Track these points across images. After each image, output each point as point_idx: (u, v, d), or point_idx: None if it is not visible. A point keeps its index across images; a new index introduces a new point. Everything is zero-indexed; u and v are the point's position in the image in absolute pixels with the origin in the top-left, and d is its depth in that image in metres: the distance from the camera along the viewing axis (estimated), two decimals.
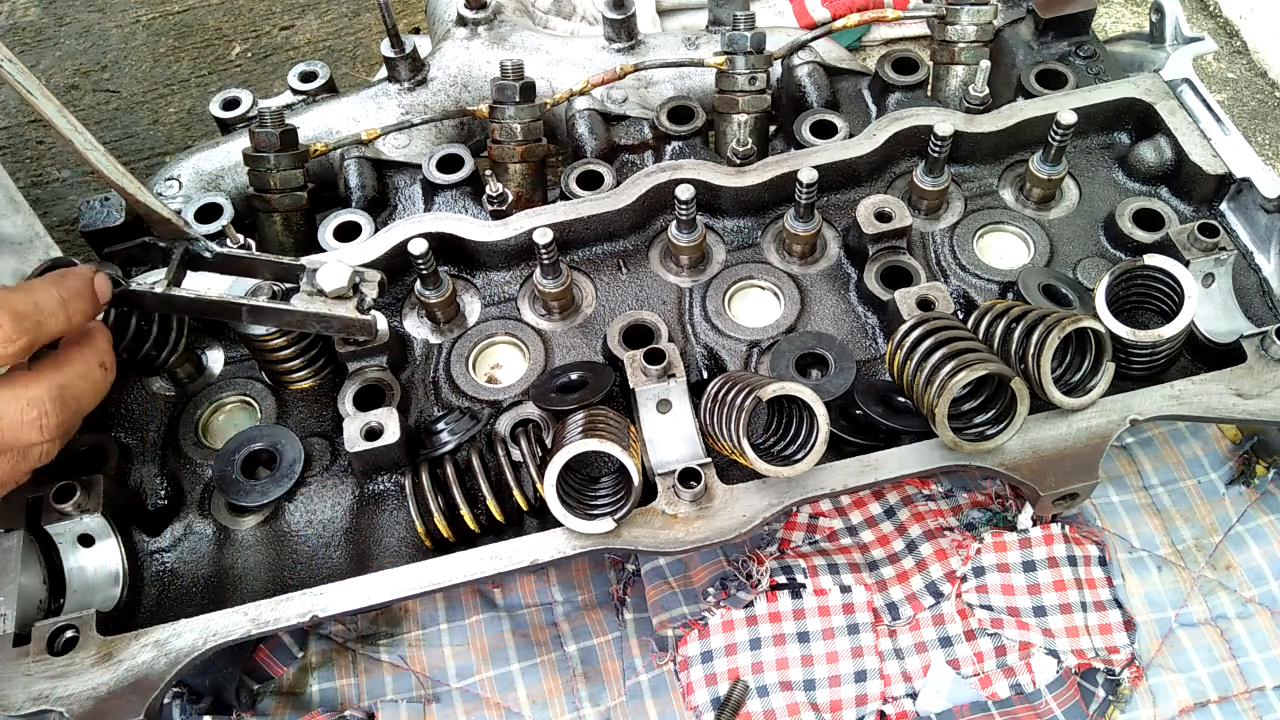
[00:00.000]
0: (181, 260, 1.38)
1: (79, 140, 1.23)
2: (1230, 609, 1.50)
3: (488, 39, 1.91)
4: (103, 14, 2.84)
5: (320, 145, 1.71)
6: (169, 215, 1.35)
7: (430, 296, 1.52)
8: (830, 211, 1.65)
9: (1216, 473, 1.59)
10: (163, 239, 1.38)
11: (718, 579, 1.50)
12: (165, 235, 1.38)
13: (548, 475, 1.23)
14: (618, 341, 1.49)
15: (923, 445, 1.33)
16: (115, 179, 1.27)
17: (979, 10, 1.70)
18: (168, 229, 1.37)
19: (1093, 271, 1.55)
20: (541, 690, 1.47)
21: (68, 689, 1.21)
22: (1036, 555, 1.49)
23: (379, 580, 1.29)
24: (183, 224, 1.37)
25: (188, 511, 1.44)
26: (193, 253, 1.39)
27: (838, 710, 1.42)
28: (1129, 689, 1.43)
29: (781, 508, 1.30)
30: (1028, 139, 1.65)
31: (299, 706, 1.45)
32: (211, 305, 1.36)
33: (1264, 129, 2.44)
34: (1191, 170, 1.58)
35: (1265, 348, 1.37)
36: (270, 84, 2.65)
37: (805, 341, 1.48)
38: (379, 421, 1.37)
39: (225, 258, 1.40)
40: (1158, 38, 1.79)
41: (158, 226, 1.36)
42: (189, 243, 1.38)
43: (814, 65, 1.86)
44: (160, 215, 1.34)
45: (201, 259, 1.40)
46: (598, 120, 1.82)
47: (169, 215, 1.35)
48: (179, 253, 1.38)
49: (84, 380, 1.24)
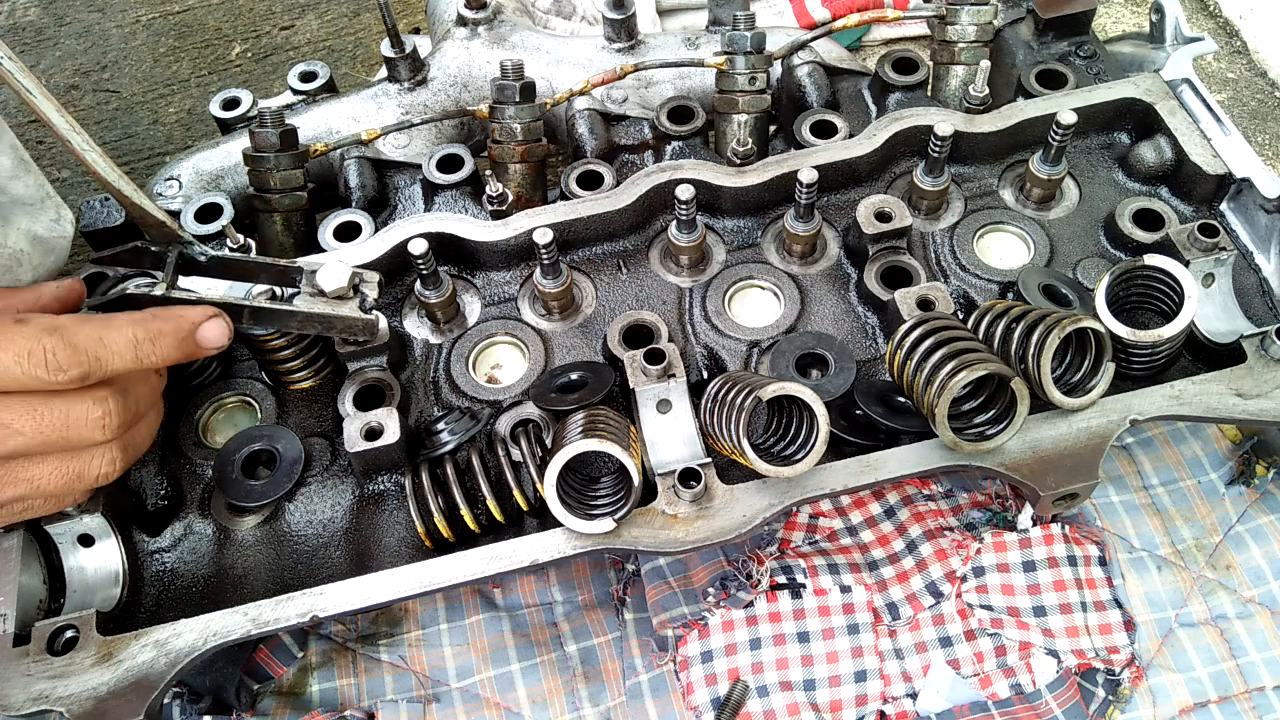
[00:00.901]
0: (176, 264, 1.37)
1: (76, 140, 1.22)
2: (1230, 609, 1.50)
3: (488, 39, 1.91)
4: (103, 14, 2.84)
5: (320, 145, 1.71)
6: (163, 218, 1.34)
7: (430, 296, 1.52)
8: (830, 211, 1.65)
9: (1216, 473, 1.59)
10: (156, 243, 1.37)
11: (718, 579, 1.50)
12: (159, 239, 1.37)
13: (548, 475, 1.23)
14: (618, 341, 1.49)
15: (923, 445, 1.33)
16: (111, 180, 1.27)
17: (979, 10, 1.70)
18: (161, 232, 1.36)
19: (1093, 271, 1.55)
20: (541, 690, 1.47)
21: (68, 689, 1.21)
22: (1036, 555, 1.49)
23: (379, 580, 1.29)
24: (177, 227, 1.36)
25: (188, 511, 1.44)
26: (187, 256, 1.38)
27: (838, 710, 1.42)
28: (1129, 689, 1.43)
29: (781, 508, 1.30)
30: (1028, 139, 1.65)
31: (299, 706, 1.45)
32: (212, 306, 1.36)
33: (1264, 129, 2.44)
34: (1191, 170, 1.58)
35: (1265, 348, 1.37)
36: (270, 84, 2.65)
37: (805, 341, 1.48)
38: (379, 421, 1.38)
39: (220, 261, 1.40)
40: (1158, 38, 1.79)
41: (151, 230, 1.35)
42: (183, 246, 1.38)
43: (814, 65, 1.86)
44: (154, 218, 1.34)
45: (196, 263, 1.39)
46: (598, 120, 1.82)
47: (163, 218, 1.34)
48: (173, 256, 1.37)
49: (144, 384, 1.25)
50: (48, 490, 1.21)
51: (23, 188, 1.23)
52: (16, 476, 1.19)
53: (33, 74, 1.17)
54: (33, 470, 1.19)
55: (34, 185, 1.24)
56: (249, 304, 1.36)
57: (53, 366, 1.12)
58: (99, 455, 1.22)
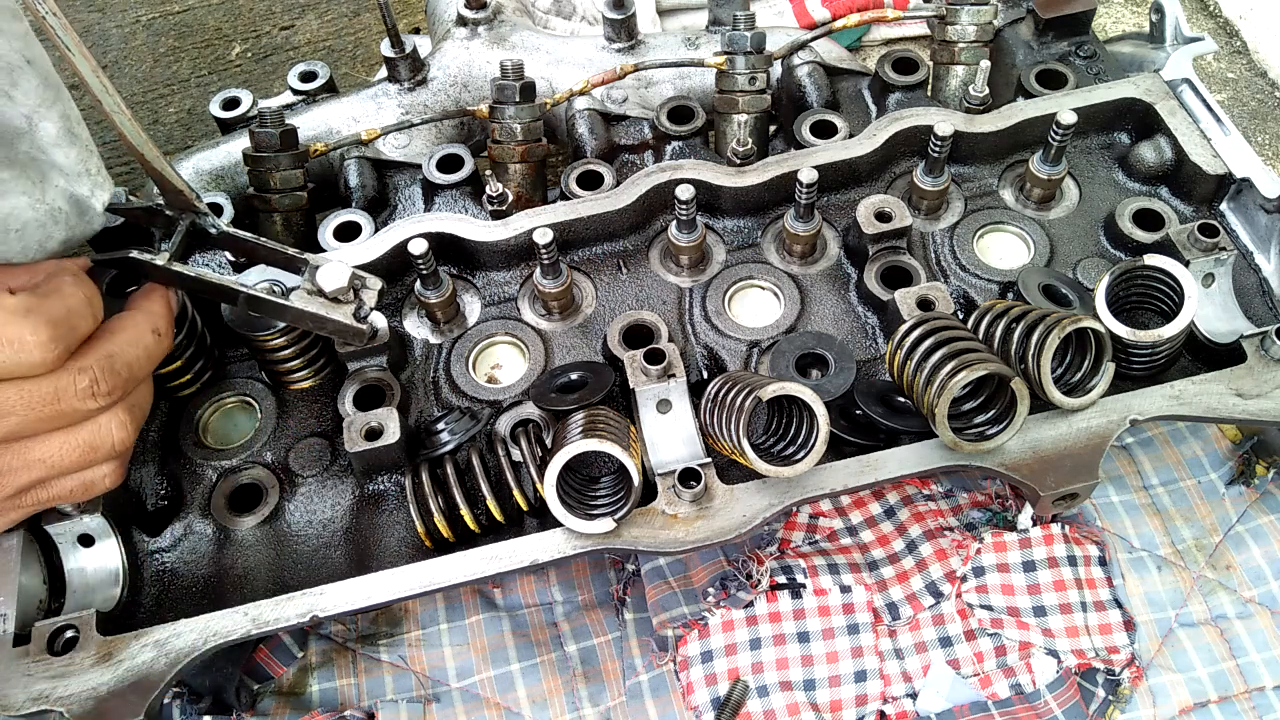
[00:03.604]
0: (187, 233, 1.37)
1: (108, 102, 1.24)
2: (1230, 609, 1.50)
3: (488, 39, 1.91)
4: (103, 14, 2.84)
5: (320, 145, 1.71)
6: (183, 186, 1.35)
7: (430, 296, 1.52)
8: (830, 211, 1.65)
9: (1216, 473, 1.59)
10: (171, 208, 1.38)
11: (718, 579, 1.50)
12: (175, 205, 1.37)
13: (548, 475, 1.23)
14: (618, 341, 1.49)
15: (923, 445, 1.33)
16: (137, 144, 1.28)
17: (979, 10, 1.70)
18: (179, 200, 1.36)
19: (1093, 271, 1.55)
20: (541, 690, 1.47)
21: (68, 689, 1.21)
22: (1036, 555, 1.49)
23: (379, 580, 1.29)
24: (194, 197, 1.37)
25: (188, 511, 1.44)
26: (199, 227, 1.38)
27: (838, 710, 1.42)
28: (1129, 689, 1.43)
29: (781, 508, 1.30)
30: (1028, 139, 1.65)
31: (299, 706, 1.45)
32: (210, 285, 1.35)
33: (1264, 129, 2.44)
34: (1191, 170, 1.58)
35: (1265, 348, 1.37)
36: (270, 84, 2.65)
37: (805, 341, 1.48)
38: (379, 421, 1.38)
39: (230, 237, 1.40)
40: (1158, 38, 1.79)
41: (169, 195, 1.36)
42: (196, 216, 1.38)
43: (814, 65, 1.86)
44: (174, 185, 1.34)
45: (207, 234, 1.39)
46: (598, 120, 1.82)
47: (183, 186, 1.35)
48: (185, 224, 1.37)
49: (134, 347, 1.25)
50: (66, 465, 1.21)
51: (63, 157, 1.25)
52: (27, 459, 1.19)
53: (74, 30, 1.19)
54: (41, 449, 1.19)
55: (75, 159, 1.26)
56: (245, 290, 1.35)
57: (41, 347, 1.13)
58: (105, 421, 1.22)
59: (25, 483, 1.20)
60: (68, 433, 1.20)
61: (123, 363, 1.22)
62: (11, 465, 1.18)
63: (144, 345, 1.27)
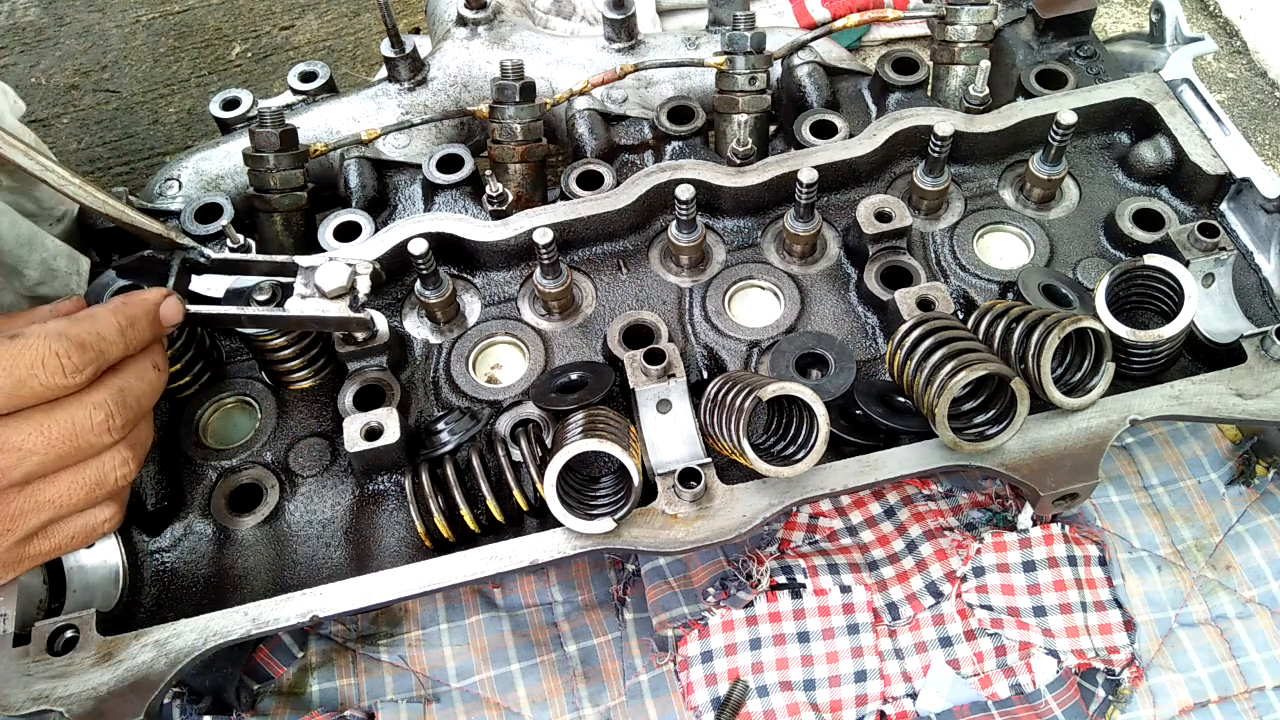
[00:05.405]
0: (181, 269, 1.41)
1: (52, 178, 1.28)
2: (1230, 609, 1.50)
3: (488, 39, 1.91)
4: (103, 14, 2.84)
5: (320, 145, 1.71)
6: (159, 230, 1.39)
7: (430, 296, 1.52)
8: (830, 211, 1.65)
9: (1216, 473, 1.59)
10: (160, 252, 1.41)
11: (718, 579, 1.50)
12: (161, 248, 1.41)
13: (548, 475, 1.23)
14: (618, 341, 1.49)
15: (923, 445, 1.33)
16: (98, 207, 1.32)
17: (979, 10, 1.70)
18: (162, 242, 1.40)
19: (1093, 271, 1.55)
20: (541, 690, 1.47)
21: (68, 689, 1.21)
22: (1036, 555, 1.49)
23: (379, 580, 1.29)
24: (175, 235, 1.40)
25: (188, 511, 1.44)
26: (190, 260, 1.42)
27: (838, 710, 1.42)
28: (1129, 689, 1.43)
29: (781, 508, 1.30)
30: (1028, 139, 1.65)
31: (299, 706, 1.45)
32: (213, 318, 1.39)
33: (1264, 129, 2.44)
34: (1191, 170, 1.58)
35: (1265, 348, 1.37)
36: (270, 84, 2.65)
37: (805, 341, 1.48)
38: (379, 421, 1.37)
39: (222, 262, 1.44)
40: (1158, 38, 1.79)
41: (154, 241, 1.40)
42: (184, 252, 1.42)
43: (814, 65, 1.86)
44: (151, 231, 1.38)
45: (200, 265, 1.43)
46: (598, 120, 1.82)
47: (159, 230, 1.39)
48: (176, 264, 1.41)
49: (141, 381, 1.25)
50: (72, 505, 1.21)
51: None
52: (38, 501, 1.18)
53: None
54: (51, 490, 1.19)
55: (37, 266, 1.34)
56: (246, 313, 1.39)
57: (69, 369, 1.14)
58: (110, 457, 1.22)
59: (35, 526, 1.20)
60: (75, 470, 1.20)
61: (133, 396, 1.23)
62: (23, 509, 1.18)
63: (148, 379, 1.27)
